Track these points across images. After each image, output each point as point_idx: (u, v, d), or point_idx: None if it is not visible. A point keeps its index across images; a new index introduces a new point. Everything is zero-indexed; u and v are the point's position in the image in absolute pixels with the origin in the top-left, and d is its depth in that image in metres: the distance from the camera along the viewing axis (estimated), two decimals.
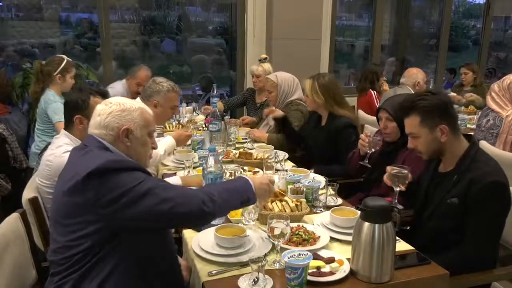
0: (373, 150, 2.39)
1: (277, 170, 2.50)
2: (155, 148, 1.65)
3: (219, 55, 7.62)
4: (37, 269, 1.69)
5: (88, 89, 2.11)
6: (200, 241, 1.69)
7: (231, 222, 1.87)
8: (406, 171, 1.93)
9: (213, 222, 1.87)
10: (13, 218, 1.64)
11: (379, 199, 1.55)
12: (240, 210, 1.93)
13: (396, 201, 1.98)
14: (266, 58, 3.89)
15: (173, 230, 2.14)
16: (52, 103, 3.27)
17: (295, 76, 3.44)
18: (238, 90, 4.93)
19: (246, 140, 3.19)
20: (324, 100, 2.85)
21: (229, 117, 3.41)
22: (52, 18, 7.33)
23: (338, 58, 6.51)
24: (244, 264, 1.57)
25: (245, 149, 2.92)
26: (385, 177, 2.00)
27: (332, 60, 5.04)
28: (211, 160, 1.85)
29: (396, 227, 1.54)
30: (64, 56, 3.37)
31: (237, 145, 3.10)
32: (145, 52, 6.96)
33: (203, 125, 3.33)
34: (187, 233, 1.83)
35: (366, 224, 1.50)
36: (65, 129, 2.10)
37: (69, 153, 1.95)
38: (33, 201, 1.82)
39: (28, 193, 1.90)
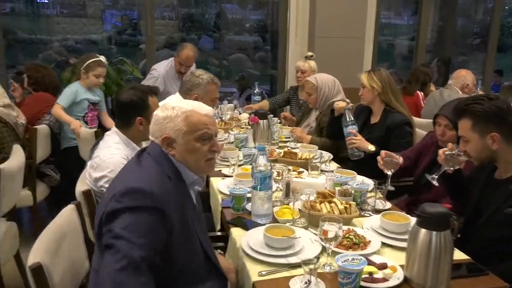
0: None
1: (322, 170, 2.47)
2: (216, 151, 1.52)
3: (258, 52, 7.63)
4: (90, 261, 1.72)
5: (144, 89, 2.10)
6: (250, 240, 1.68)
7: (279, 222, 1.86)
8: (464, 158, 1.91)
9: (260, 221, 1.88)
10: (69, 209, 1.68)
11: (437, 205, 1.50)
12: (288, 210, 1.93)
13: (436, 177, 1.99)
14: (312, 56, 3.85)
15: (218, 227, 2.15)
16: (68, 87, 3.46)
17: (337, 74, 3.38)
18: (279, 88, 4.90)
19: (289, 139, 3.17)
20: (381, 88, 2.81)
21: (272, 115, 3.37)
22: (94, 15, 7.55)
23: (379, 57, 6.38)
24: (294, 266, 1.56)
25: (289, 148, 2.89)
26: (440, 151, 1.98)
27: (375, 59, 4.94)
28: (261, 159, 1.84)
29: (453, 235, 1.49)
30: (94, 55, 3.47)
31: (280, 144, 3.08)
32: None
33: (247, 123, 3.32)
34: (235, 231, 1.83)
35: (423, 231, 1.45)
36: (120, 128, 2.09)
37: (115, 156, 1.96)
38: (87, 194, 1.86)
39: (81, 186, 1.93)
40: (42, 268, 1.32)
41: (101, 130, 3.48)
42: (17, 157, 2.49)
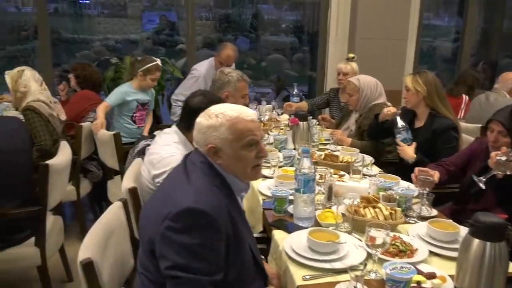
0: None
1: (364, 175, 2.43)
2: (263, 156, 1.48)
3: (296, 53, 7.61)
4: (135, 258, 1.74)
5: (214, 98, 2.08)
6: (293, 243, 1.67)
7: (321, 226, 1.83)
8: None
9: (302, 225, 1.86)
10: (117, 206, 1.71)
11: (492, 215, 1.44)
12: (331, 214, 1.90)
13: (484, 179, 1.93)
14: (353, 57, 3.78)
15: (260, 228, 2.15)
16: (119, 87, 3.55)
17: (378, 76, 3.30)
18: (318, 90, 4.85)
19: (329, 142, 3.13)
20: (427, 91, 2.70)
21: (311, 116, 3.34)
22: (134, 15, 7.75)
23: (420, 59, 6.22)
24: (338, 271, 1.53)
25: (329, 150, 2.86)
26: (493, 153, 1.93)
27: (417, 61, 4.81)
28: (305, 162, 1.82)
29: (509, 247, 1.42)
30: (155, 59, 3.54)
31: (320, 146, 3.05)
32: None
33: (286, 125, 3.31)
34: (278, 234, 1.81)
35: (476, 241, 1.40)
36: (182, 129, 2.11)
37: (176, 155, 1.97)
38: (133, 191, 1.89)
39: (127, 183, 1.95)
40: (92, 264, 1.34)
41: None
42: (64, 153, 2.56)
